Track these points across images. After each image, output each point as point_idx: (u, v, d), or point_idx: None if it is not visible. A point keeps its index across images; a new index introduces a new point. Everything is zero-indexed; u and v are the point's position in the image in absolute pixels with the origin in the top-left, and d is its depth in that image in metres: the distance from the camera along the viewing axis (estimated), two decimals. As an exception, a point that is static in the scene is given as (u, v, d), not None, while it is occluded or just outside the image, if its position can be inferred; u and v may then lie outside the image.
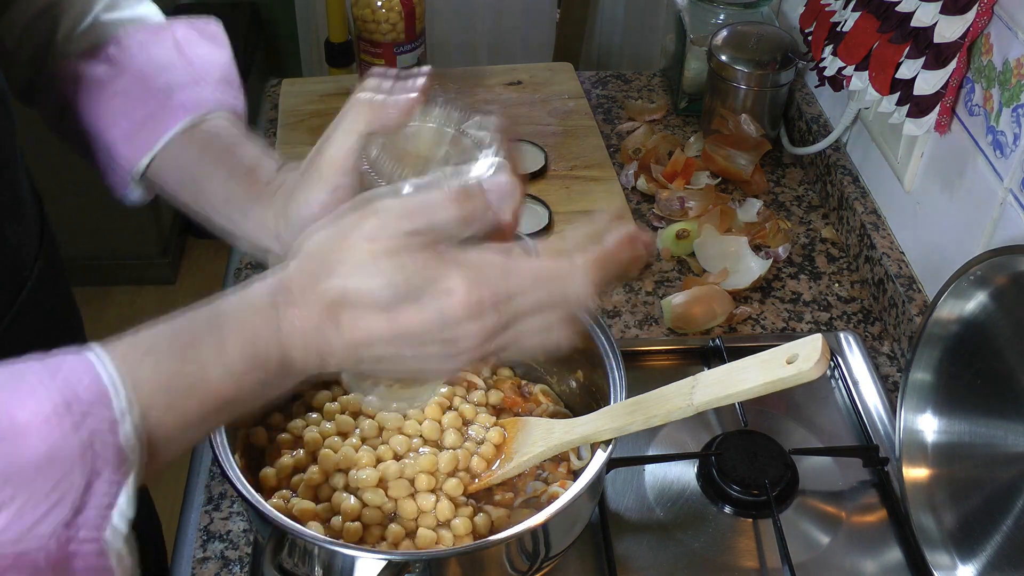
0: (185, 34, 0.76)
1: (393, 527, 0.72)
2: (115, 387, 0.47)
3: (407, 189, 0.52)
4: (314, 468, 0.75)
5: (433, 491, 0.74)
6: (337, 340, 0.51)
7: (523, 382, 0.86)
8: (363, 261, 0.50)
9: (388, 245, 0.50)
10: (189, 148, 0.71)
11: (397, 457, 0.76)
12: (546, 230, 1.11)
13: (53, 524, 0.45)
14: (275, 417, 0.80)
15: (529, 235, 0.91)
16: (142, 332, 0.50)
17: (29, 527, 0.45)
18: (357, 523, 0.72)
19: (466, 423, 0.80)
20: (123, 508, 0.48)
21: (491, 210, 0.52)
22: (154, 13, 0.78)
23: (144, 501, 1.01)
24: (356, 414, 0.80)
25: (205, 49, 0.76)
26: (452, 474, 0.75)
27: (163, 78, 0.72)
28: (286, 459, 0.76)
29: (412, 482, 0.74)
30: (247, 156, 0.70)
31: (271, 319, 0.51)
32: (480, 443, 0.78)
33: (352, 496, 0.73)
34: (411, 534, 0.72)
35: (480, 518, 0.73)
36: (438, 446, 0.77)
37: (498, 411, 0.82)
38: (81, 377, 0.47)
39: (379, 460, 0.75)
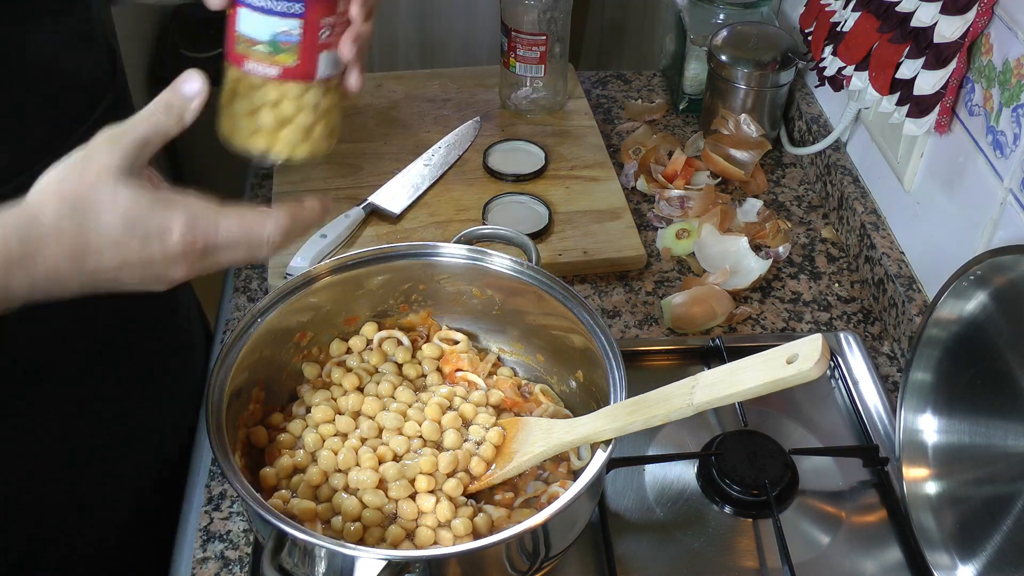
0: None
1: (393, 528, 0.72)
2: None
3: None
4: (314, 468, 0.75)
5: (433, 492, 0.74)
6: (68, 266, 0.58)
7: (523, 382, 0.86)
8: (97, 192, 0.57)
9: (120, 169, 0.58)
10: None
11: (397, 458, 0.76)
12: (546, 230, 1.11)
13: None
14: (275, 417, 0.80)
15: (529, 235, 0.91)
16: None
17: None
18: (357, 523, 0.72)
19: (466, 423, 0.80)
20: None
21: (185, 101, 0.61)
22: None
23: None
24: (356, 415, 0.80)
25: None
26: (452, 475, 0.75)
27: None
28: (286, 459, 0.76)
29: (412, 483, 0.74)
30: None
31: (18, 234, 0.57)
32: (480, 443, 0.78)
33: (352, 496, 0.73)
34: (411, 534, 0.72)
35: (480, 518, 0.73)
36: (438, 447, 0.77)
37: (498, 411, 0.82)
38: None
39: (380, 461, 0.75)
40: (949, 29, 0.89)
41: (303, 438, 0.77)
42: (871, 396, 0.95)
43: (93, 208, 0.57)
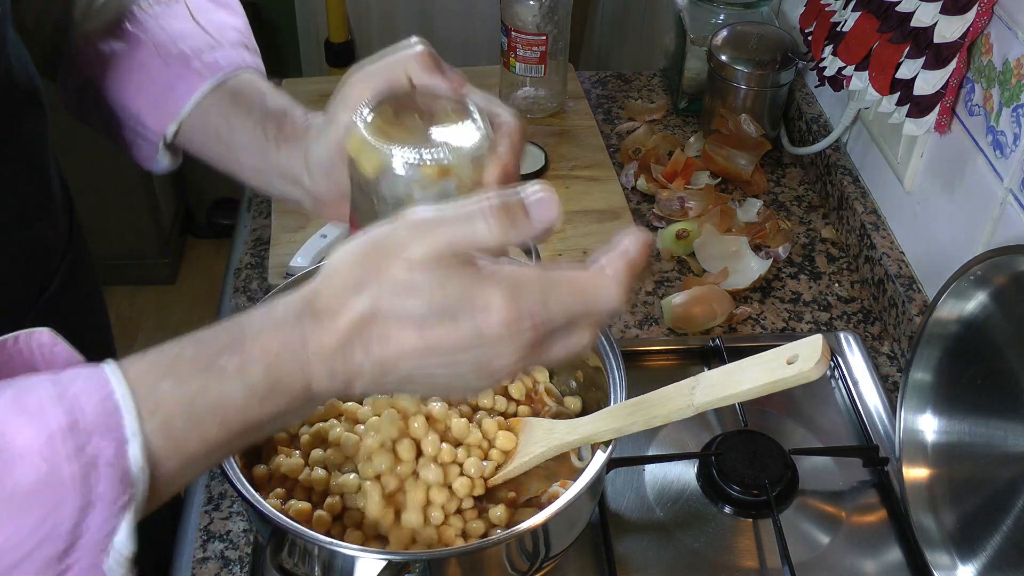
0: (197, 3, 0.77)
1: (394, 529, 0.72)
2: (128, 406, 0.46)
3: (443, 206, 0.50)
4: (308, 471, 0.74)
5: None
6: (365, 359, 0.49)
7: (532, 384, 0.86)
8: (397, 276, 0.48)
9: (424, 259, 0.48)
10: (216, 105, 0.72)
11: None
12: (546, 230, 1.11)
13: (46, 555, 0.44)
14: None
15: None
16: (164, 349, 0.49)
17: (21, 558, 0.44)
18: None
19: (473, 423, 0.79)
20: (123, 539, 0.46)
21: (530, 224, 0.49)
22: None
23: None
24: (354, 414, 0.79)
25: (219, 16, 0.77)
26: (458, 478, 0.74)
27: (181, 46, 0.73)
28: (281, 457, 0.75)
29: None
30: (275, 105, 0.71)
31: (295, 339, 0.49)
32: (489, 446, 0.77)
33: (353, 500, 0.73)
34: (413, 536, 0.72)
35: (483, 519, 0.73)
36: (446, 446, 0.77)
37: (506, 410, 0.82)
38: (92, 396, 0.45)
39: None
40: (949, 29, 0.89)
41: (299, 437, 0.77)
42: (871, 396, 0.95)
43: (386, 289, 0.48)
